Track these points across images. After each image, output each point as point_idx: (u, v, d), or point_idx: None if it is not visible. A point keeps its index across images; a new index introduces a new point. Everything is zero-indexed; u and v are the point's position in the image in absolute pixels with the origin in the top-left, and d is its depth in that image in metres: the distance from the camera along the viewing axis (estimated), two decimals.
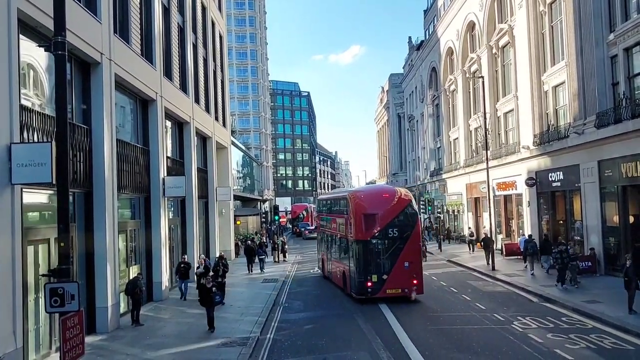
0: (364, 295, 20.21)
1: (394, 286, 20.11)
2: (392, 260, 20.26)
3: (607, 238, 23.40)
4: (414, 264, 20.40)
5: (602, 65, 23.19)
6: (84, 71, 16.61)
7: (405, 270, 20.20)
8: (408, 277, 20.17)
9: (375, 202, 21.45)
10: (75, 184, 15.36)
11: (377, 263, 20.33)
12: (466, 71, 43.27)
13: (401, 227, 20.58)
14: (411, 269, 20.26)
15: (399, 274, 20.16)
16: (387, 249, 20.44)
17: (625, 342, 13.62)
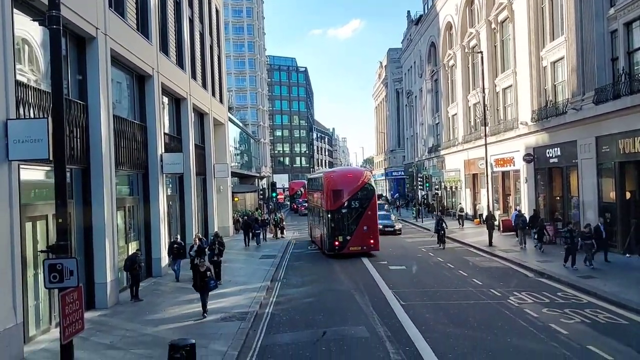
0: (333, 252, 25.93)
1: (355, 244, 25.93)
2: (354, 225, 26.00)
3: (603, 214, 23.47)
4: (371, 228, 26.26)
5: (601, 40, 23.02)
6: (79, 46, 16.42)
7: (364, 232, 26.02)
8: (366, 237, 26.04)
9: (342, 181, 27.19)
10: (72, 160, 15.30)
11: (343, 227, 25.98)
12: (465, 46, 42.94)
13: (361, 200, 26.36)
14: (369, 232, 26.12)
15: (360, 235, 25.94)
16: (350, 216, 26.11)
17: (619, 316, 13.78)
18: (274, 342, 12.84)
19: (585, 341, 11.74)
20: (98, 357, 11.78)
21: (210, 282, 15.20)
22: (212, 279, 15.32)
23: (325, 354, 11.73)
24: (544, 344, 11.84)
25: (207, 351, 11.79)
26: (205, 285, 15.13)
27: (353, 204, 26.19)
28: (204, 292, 15.22)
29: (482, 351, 11.52)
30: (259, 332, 13.65)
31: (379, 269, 22.27)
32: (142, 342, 12.89)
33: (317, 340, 12.73)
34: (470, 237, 30.81)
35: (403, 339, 12.53)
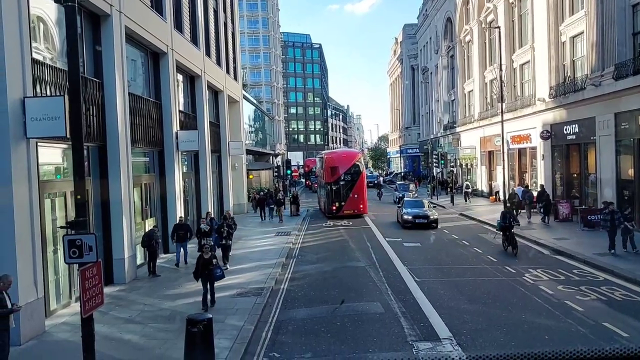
0: (332, 214, 33.19)
1: (348, 208, 33.11)
2: (346, 193, 33.26)
3: (621, 192, 23.23)
4: (360, 196, 33.49)
5: (622, 15, 22.50)
6: (94, 24, 16.44)
7: (355, 199, 33.21)
8: (357, 203, 33.27)
9: (338, 160, 35.22)
10: (89, 137, 15.41)
11: (338, 195, 33.25)
12: (482, 21, 42.27)
13: (353, 175, 33.69)
14: (358, 199, 33.37)
15: (351, 201, 33.20)
16: (344, 187, 33.33)
17: (636, 293, 13.70)
18: (290, 317, 12.98)
19: (601, 318, 11.72)
20: (117, 331, 12.02)
21: (216, 271, 13.60)
22: (218, 267, 13.74)
23: (341, 329, 11.84)
24: (559, 320, 11.84)
25: (224, 325, 11.96)
26: (210, 275, 13.55)
27: (346, 178, 33.51)
28: (208, 283, 13.62)
29: (496, 327, 11.57)
30: (275, 308, 13.80)
31: (393, 245, 22.32)
32: (160, 317, 13.11)
33: (336, 309, 12.91)
34: (486, 215, 30.68)
35: (417, 314, 12.60)
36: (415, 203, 28.98)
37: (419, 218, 26.78)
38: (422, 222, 26.65)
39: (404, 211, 27.45)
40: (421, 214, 27.00)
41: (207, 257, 13.70)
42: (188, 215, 25.01)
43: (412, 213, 26.99)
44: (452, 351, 10.28)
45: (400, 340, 11.02)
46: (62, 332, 12.00)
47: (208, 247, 14.36)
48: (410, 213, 27.11)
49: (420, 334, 11.34)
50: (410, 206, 28.09)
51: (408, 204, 28.51)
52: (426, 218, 26.85)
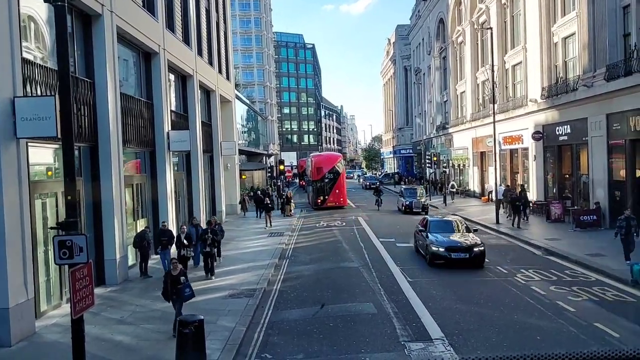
0: (317, 206, 39.49)
1: (331, 201, 39.70)
2: (330, 189, 39.95)
3: (613, 192, 23.36)
4: (340, 190, 40.21)
5: (613, 16, 22.63)
6: (85, 23, 16.35)
7: (337, 193, 39.98)
8: (338, 197, 40.06)
9: (322, 161, 42.05)
10: (80, 138, 15.33)
11: (323, 190, 39.97)
12: (474, 22, 42.40)
13: (334, 174, 40.29)
14: (339, 193, 40.12)
15: (333, 195, 39.89)
16: (327, 184, 40.10)
17: (627, 294, 13.78)
18: (282, 318, 12.95)
19: (592, 318, 11.76)
20: (109, 332, 11.94)
21: (184, 291, 11.65)
22: (187, 286, 11.71)
23: (333, 330, 11.82)
24: (551, 321, 11.87)
25: (216, 327, 11.92)
26: (179, 294, 11.65)
27: (329, 176, 40.12)
28: (177, 303, 11.72)
29: (488, 327, 11.58)
30: (267, 309, 13.77)
31: (386, 246, 22.32)
32: (151, 318, 13.05)
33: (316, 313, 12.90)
34: (477, 215, 30.77)
35: (410, 315, 12.60)
36: (446, 225, 20.19)
37: (456, 251, 17.62)
38: (461, 257, 17.53)
39: (431, 239, 18.42)
40: (459, 245, 17.91)
41: (176, 274, 11.83)
42: (180, 215, 24.94)
43: (445, 243, 17.93)
44: (444, 351, 10.30)
45: (392, 341, 11.01)
46: (52, 334, 11.92)
47: (177, 262, 12.43)
48: (440, 243, 18.02)
49: (413, 334, 11.34)
50: (438, 230, 19.32)
51: (435, 226, 19.77)
52: (468, 251, 17.58)
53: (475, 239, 18.56)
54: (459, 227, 20.28)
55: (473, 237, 18.90)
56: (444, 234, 18.83)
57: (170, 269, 12.38)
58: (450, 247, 17.75)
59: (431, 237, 18.65)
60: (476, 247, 17.72)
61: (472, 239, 18.55)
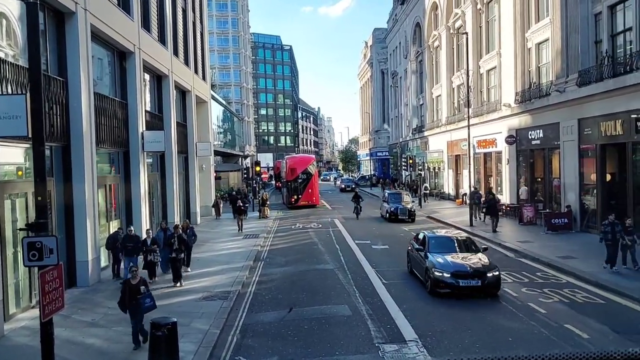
0: (291, 205, 42.02)
1: (304, 200, 42.18)
2: (303, 189, 42.53)
3: (584, 196, 23.82)
4: (313, 190, 42.92)
5: (586, 23, 23.09)
6: (58, 21, 16.09)
7: (309, 193, 42.57)
8: (311, 196, 42.68)
9: (296, 163, 44.74)
10: (52, 137, 15.09)
11: (296, 190, 42.53)
12: (450, 27, 42.84)
13: (307, 174, 42.90)
14: (312, 193, 42.78)
15: (306, 195, 42.44)
16: (300, 184, 42.70)
17: (597, 296, 14.04)
18: (256, 320, 12.90)
19: (563, 320, 11.96)
20: (80, 335, 11.76)
21: (144, 301, 10.87)
22: (147, 296, 10.95)
23: (308, 333, 11.81)
24: (523, 322, 12.04)
25: (189, 329, 11.82)
26: (137, 305, 10.87)
27: (303, 177, 42.76)
28: (136, 315, 10.95)
29: (461, 329, 11.70)
30: (241, 311, 13.70)
31: (362, 248, 22.40)
32: (124, 320, 12.79)
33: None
34: (452, 217, 31.08)
35: (384, 317, 12.66)
36: (449, 242, 16.32)
37: (464, 277, 14.15)
38: (472, 285, 14.07)
39: (432, 261, 14.81)
40: (469, 270, 14.31)
41: (135, 283, 11.10)
42: (153, 216, 24.69)
43: (450, 267, 14.44)
44: (417, 353, 10.37)
45: (366, 343, 11.05)
46: (21, 337, 11.68)
47: (135, 271, 11.61)
48: (445, 267, 14.47)
49: (387, 336, 11.39)
50: (440, 249, 15.68)
51: (436, 244, 16.00)
52: (480, 277, 14.08)
53: (486, 260, 15.03)
54: (466, 245, 16.35)
55: (483, 257, 15.19)
56: (447, 254, 15.20)
57: (129, 277, 11.66)
58: (457, 273, 14.13)
59: (432, 259, 14.93)
60: (490, 271, 14.14)
61: (483, 260, 14.89)
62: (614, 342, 10.12)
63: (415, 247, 16.80)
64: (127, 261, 16.57)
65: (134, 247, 16.66)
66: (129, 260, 16.39)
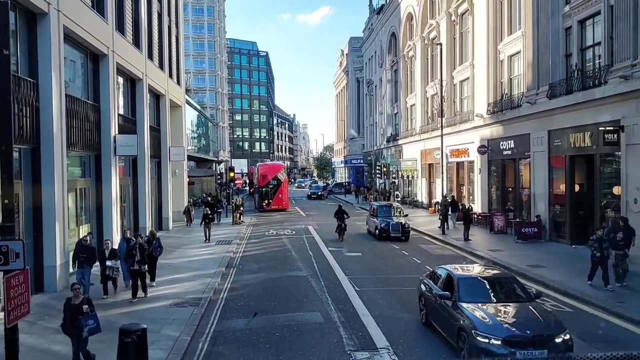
0: (262, 208, 44.98)
1: (275, 204, 45.29)
2: (273, 194, 45.77)
3: (553, 206, 24.26)
4: (283, 195, 46.31)
5: (556, 36, 23.60)
6: (30, 22, 15.81)
7: (279, 198, 45.88)
8: (281, 201, 45.97)
9: (267, 169, 48.06)
10: (21, 139, 14.82)
11: (267, 195, 45.77)
12: (425, 37, 43.36)
13: (277, 180, 46.16)
14: (282, 198, 46.09)
15: (276, 199, 45.71)
16: (271, 189, 45.90)
17: (564, 304, 14.28)
18: (228, 327, 12.79)
19: None
20: (45, 342, 11.50)
21: (87, 323, 9.66)
22: (91, 317, 9.73)
23: (280, 340, 11.76)
24: None
25: (159, 336, 11.65)
26: (79, 328, 9.69)
27: (273, 183, 45.98)
28: (78, 339, 9.79)
29: (432, 336, 11.76)
30: (213, 318, 13.57)
31: (335, 255, 22.42)
32: None
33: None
34: (424, 225, 31.32)
35: (357, 324, 12.68)
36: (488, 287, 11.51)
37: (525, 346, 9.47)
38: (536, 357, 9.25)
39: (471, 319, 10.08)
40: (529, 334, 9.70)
41: (77, 303, 9.93)
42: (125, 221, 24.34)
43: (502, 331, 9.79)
44: None
45: (338, 350, 11.04)
46: None
47: (78, 289, 10.29)
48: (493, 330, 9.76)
49: (359, 343, 11.40)
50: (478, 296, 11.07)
51: (470, 289, 11.25)
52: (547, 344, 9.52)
53: (549, 313, 11.33)
54: (511, 289, 11.52)
55: (543, 310, 11.14)
56: (487, 304, 10.78)
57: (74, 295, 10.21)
58: (513, 339, 9.57)
59: (469, 314, 10.27)
60: (558, 334, 9.73)
61: (543, 315, 10.54)
62: (581, 349, 10.28)
63: (433, 289, 12.20)
64: (78, 274, 15.06)
65: (87, 258, 15.16)
66: (81, 272, 15.01)
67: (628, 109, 18.52)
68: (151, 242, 16.95)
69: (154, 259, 16.95)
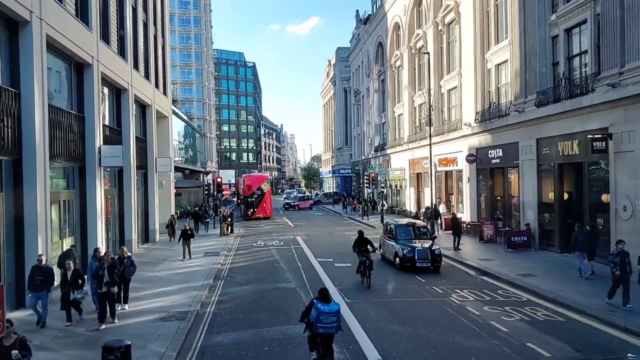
0: (247, 217, 48.18)
1: (259, 213, 48.57)
2: (257, 203, 48.90)
3: (542, 214, 24.21)
4: (267, 205, 49.44)
5: (543, 45, 23.67)
6: (11, 31, 15.47)
7: (263, 207, 49.07)
8: (265, 209, 49.21)
9: (252, 180, 51.32)
10: (2, 150, 14.46)
11: (252, 204, 48.87)
12: (412, 47, 43.44)
13: (261, 191, 49.35)
14: (266, 207, 49.25)
15: (261, 208, 48.91)
16: (255, 199, 49.02)
17: (556, 314, 14.14)
18: (215, 342, 12.46)
19: (525, 338, 11.96)
20: None
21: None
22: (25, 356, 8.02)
23: (268, 354, 11.46)
24: (485, 341, 11.98)
25: (145, 352, 11.31)
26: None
27: (257, 193, 49.19)
28: None
29: (425, 348, 11.54)
30: (200, 333, 13.22)
31: (324, 266, 22.13)
32: (75, 343, 12.25)
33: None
34: None
35: (347, 337, 12.39)
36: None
37: None
38: None
39: None
40: None
41: (8, 345, 7.98)
42: (110, 233, 23.91)
43: None
44: None
45: None
46: None
47: (9, 325, 8.04)
48: None
49: (350, 356, 11.15)
50: None
51: None
52: None
53: None
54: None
55: None
56: None
57: None
58: None
59: None
60: None
61: None
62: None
63: None
64: (33, 299, 13.55)
65: (43, 281, 13.55)
66: (37, 297, 13.40)
67: (616, 116, 18.55)
68: (122, 260, 15.42)
69: (127, 280, 15.57)
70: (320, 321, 9.56)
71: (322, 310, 9.54)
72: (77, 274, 14.11)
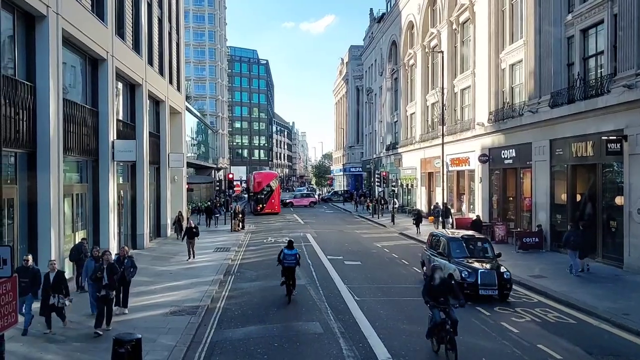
0: (257, 212, 50.10)
1: (268, 209, 50.54)
2: (267, 199, 50.97)
3: (554, 215, 24.02)
4: (275, 201, 51.71)
5: (558, 45, 23.46)
6: (28, 25, 15.63)
7: (272, 203, 51.15)
8: (273, 205, 51.22)
9: (261, 177, 53.16)
10: (17, 143, 14.60)
11: (261, 200, 51.01)
12: (426, 46, 43.26)
13: (270, 187, 51.48)
14: (275, 203, 51.46)
15: (269, 204, 50.99)
16: (264, 195, 51.10)
17: (568, 315, 14.02)
18: (225, 337, 12.50)
19: (535, 340, 11.87)
20: (37, 351, 11.20)
21: None
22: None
23: (278, 350, 11.48)
24: (496, 342, 11.91)
25: (155, 345, 11.37)
26: None
27: (267, 189, 51.26)
28: None
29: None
30: (210, 327, 13.28)
31: (334, 264, 22.13)
32: (85, 335, 12.34)
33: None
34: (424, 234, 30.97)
35: (357, 335, 12.40)
36: None
37: None
38: None
39: None
40: None
41: None
42: (122, 227, 24.07)
43: None
44: None
45: None
46: None
47: None
48: None
49: (359, 355, 11.13)
50: None
51: None
52: None
53: None
54: None
55: None
56: None
57: None
58: None
59: None
60: None
61: None
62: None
63: None
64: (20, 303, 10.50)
65: (29, 284, 12.17)
66: (21, 302, 11.40)
67: (632, 118, 18.35)
68: (122, 261, 14.43)
69: (127, 283, 14.41)
70: (285, 259, 16.28)
71: (286, 253, 16.41)
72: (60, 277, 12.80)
